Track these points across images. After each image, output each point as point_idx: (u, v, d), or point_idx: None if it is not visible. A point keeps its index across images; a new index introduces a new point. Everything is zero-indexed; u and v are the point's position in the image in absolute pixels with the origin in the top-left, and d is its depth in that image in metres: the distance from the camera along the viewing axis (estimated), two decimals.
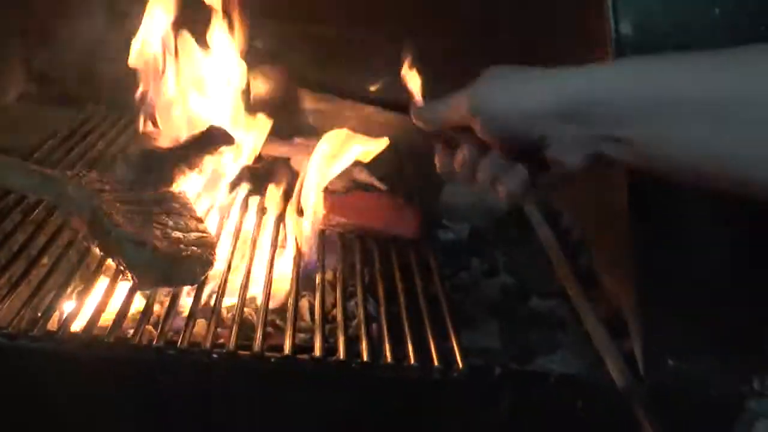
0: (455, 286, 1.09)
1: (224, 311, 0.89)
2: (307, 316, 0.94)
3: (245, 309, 0.88)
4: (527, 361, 0.95)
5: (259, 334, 0.82)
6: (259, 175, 1.13)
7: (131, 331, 0.81)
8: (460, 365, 0.82)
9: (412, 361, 0.81)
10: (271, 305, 0.90)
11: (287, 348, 0.81)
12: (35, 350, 0.77)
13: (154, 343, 0.79)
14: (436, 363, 0.81)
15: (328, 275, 0.98)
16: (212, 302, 0.87)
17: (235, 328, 0.82)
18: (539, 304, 1.08)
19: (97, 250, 0.87)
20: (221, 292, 0.88)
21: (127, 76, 1.11)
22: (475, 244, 1.20)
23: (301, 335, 0.88)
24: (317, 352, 0.81)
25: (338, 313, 0.89)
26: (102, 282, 0.88)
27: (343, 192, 1.07)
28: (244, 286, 0.90)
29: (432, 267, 1.02)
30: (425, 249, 1.05)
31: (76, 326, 0.81)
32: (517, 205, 1.23)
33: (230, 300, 0.90)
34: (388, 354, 0.82)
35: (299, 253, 0.98)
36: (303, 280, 0.95)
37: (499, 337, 1.00)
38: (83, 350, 0.78)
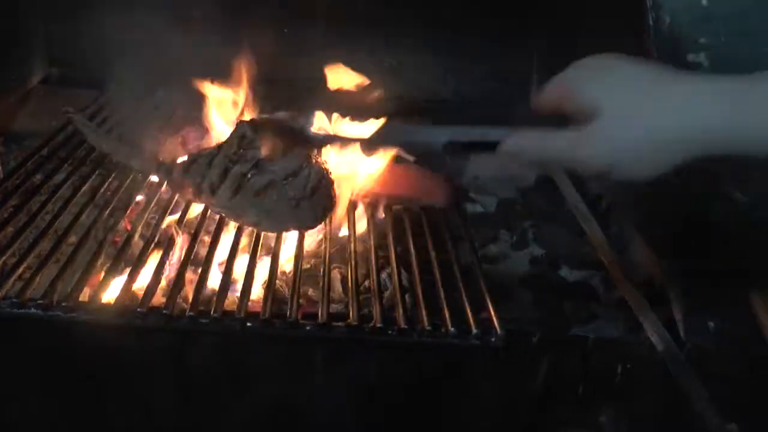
0: (485, 258, 1.07)
1: (256, 283, 0.87)
2: (339, 287, 0.92)
3: (277, 281, 0.87)
4: (563, 329, 0.94)
5: (292, 303, 0.81)
6: None
7: (164, 301, 0.80)
8: (498, 331, 0.80)
9: (450, 328, 0.80)
10: (303, 276, 0.89)
11: (321, 316, 0.80)
12: (69, 321, 0.76)
13: (188, 312, 0.79)
14: (474, 329, 0.80)
15: (359, 246, 0.96)
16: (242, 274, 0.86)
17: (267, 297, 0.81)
18: (571, 274, 1.06)
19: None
20: (252, 264, 0.87)
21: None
22: (503, 215, 1.18)
23: (335, 306, 0.87)
24: (352, 320, 0.80)
25: (371, 283, 0.88)
26: (129, 258, 0.88)
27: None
28: (275, 258, 0.89)
29: (463, 237, 1.00)
30: (455, 220, 1.03)
31: (107, 298, 0.81)
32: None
33: (263, 272, 0.89)
34: (425, 321, 0.81)
35: (330, 224, 0.96)
36: (335, 252, 0.93)
37: (532, 307, 0.99)
38: (116, 320, 0.77)
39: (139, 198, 1.02)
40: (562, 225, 1.15)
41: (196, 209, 0.98)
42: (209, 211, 0.95)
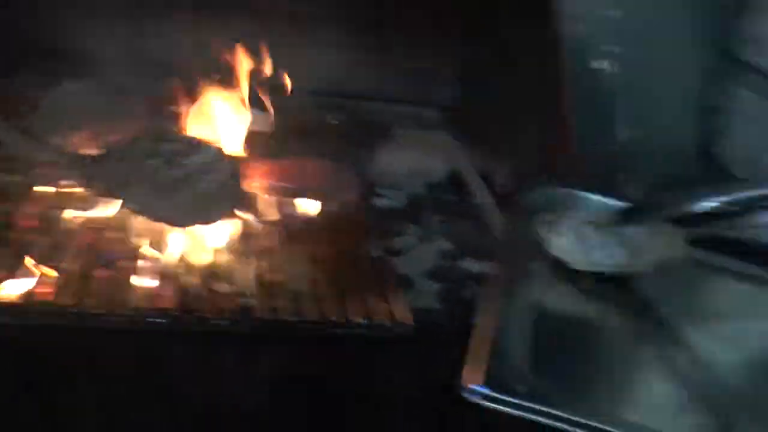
0: (393, 251, 1.10)
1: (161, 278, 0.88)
2: (249, 282, 0.93)
3: (187, 277, 0.88)
4: (467, 318, 0.96)
5: (202, 299, 0.81)
6: None
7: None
8: (406, 321, 0.83)
9: (360, 319, 0.82)
10: (214, 272, 0.89)
11: (232, 311, 0.81)
12: None
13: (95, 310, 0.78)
14: (383, 320, 0.82)
15: (269, 241, 0.98)
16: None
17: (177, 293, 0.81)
18: (476, 266, 1.10)
19: None
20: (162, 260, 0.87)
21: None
22: (411, 210, 1.21)
23: (246, 300, 0.88)
24: (260, 313, 0.81)
25: (280, 276, 0.89)
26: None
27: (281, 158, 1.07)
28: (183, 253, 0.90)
29: (372, 232, 1.03)
30: (364, 214, 1.06)
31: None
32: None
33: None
34: (335, 313, 0.83)
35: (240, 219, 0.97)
36: (245, 247, 0.94)
37: (439, 298, 1.02)
38: (20, 320, 0.77)
39: (41, 190, 1.01)
40: (470, 219, 1.19)
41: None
42: (121, 205, 0.94)
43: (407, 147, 1.26)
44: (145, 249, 0.90)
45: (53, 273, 0.83)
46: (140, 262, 0.87)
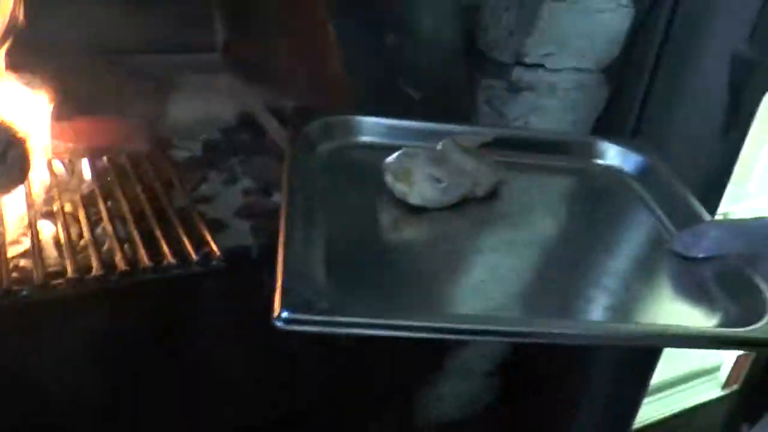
0: (198, 199, 1.10)
1: None
2: (52, 250, 0.90)
3: None
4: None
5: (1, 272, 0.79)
6: None
7: None
8: (217, 254, 0.84)
9: (171, 260, 0.82)
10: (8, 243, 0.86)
11: (37, 278, 0.78)
12: None
13: None
14: (193, 258, 0.83)
15: (67, 205, 0.95)
16: None
17: None
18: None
19: None
20: None
21: None
22: (209, 157, 1.21)
23: (51, 269, 0.85)
24: (70, 274, 0.79)
25: (85, 239, 0.87)
26: None
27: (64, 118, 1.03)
28: None
29: (173, 182, 1.02)
30: (162, 165, 1.05)
31: None
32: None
33: None
34: (145, 261, 0.82)
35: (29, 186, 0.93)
36: (41, 214, 0.91)
37: (251, 234, 1.04)
38: None
39: None
40: (269, 155, 1.21)
41: None
42: None
43: (193, 94, 1.25)
44: None
45: None
46: None
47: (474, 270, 0.71)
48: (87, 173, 1.00)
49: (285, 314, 0.57)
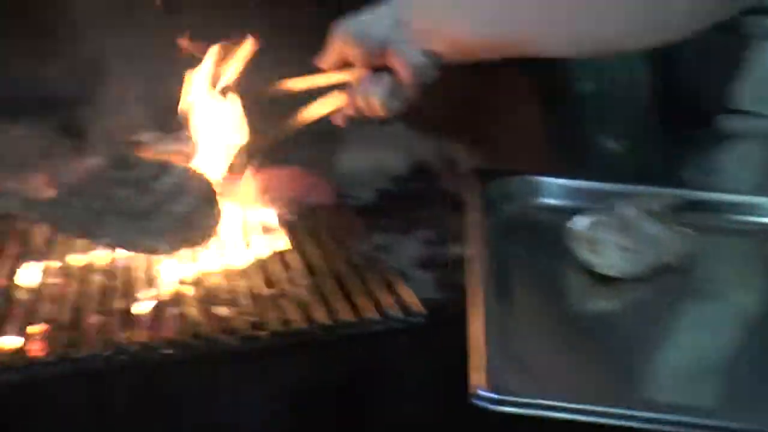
0: (377, 248, 1.08)
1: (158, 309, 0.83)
2: (247, 300, 0.90)
3: (181, 305, 0.84)
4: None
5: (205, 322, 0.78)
6: None
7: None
8: (417, 310, 0.81)
9: (370, 315, 0.80)
10: (202, 294, 0.86)
11: (242, 329, 0.77)
12: None
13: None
14: (396, 313, 0.81)
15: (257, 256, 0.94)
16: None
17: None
18: (459, 250, 1.09)
19: None
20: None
21: None
22: (384, 205, 1.20)
23: (248, 318, 0.84)
24: (273, 326, 0.78)
25: (279, 288, 0.86)
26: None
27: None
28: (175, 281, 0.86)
29: (355, 232, 1.01)
30: (342, 215, 1.04)
31: None
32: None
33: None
34: (345, 314, 0.80)
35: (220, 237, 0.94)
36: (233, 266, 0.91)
37: (436, 288, 1.00)
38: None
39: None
40: (442, 206, 1.18)
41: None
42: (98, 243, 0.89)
43: (366, 144, 1.25)
44: (135, 284, 0.86)
45: (40, 328, 0.78)
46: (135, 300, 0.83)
47: (671, 349, 0.68)
48: (274, 223, 1.00)
49: (486, 394, 0.55)
